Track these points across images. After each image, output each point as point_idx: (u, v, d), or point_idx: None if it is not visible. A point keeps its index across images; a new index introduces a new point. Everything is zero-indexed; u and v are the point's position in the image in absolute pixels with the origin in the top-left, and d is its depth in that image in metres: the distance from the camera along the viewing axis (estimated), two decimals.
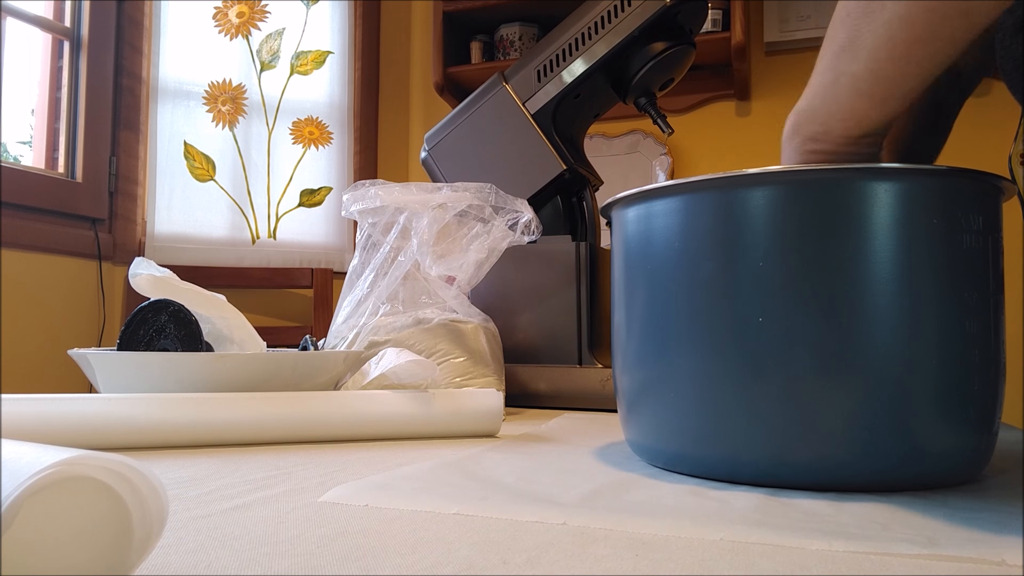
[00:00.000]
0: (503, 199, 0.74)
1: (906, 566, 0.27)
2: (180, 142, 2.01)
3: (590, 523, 0.32)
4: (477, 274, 0.74)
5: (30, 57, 1.84)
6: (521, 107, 0.91)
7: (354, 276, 0.76)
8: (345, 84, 2.21)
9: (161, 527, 0.23)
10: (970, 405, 0.38)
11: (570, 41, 0.89)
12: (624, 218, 0.45)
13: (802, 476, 0.38)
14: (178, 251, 1.96)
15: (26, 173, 1.70)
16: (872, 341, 0.36)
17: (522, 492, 0.38)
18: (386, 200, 0.73)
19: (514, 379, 0.83)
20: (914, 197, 0.37)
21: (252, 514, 0.34)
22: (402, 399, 0.57)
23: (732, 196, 0.39)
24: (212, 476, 0.42)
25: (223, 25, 2.08)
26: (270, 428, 0.54)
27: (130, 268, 0.66)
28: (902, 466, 0.37)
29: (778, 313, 0.37)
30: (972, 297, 0.37)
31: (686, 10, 0.88)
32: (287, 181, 2.13)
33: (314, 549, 0.28)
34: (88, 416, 0.50)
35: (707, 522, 0.32)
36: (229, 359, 0.57)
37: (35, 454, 0.21)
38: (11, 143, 1.92)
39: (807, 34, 1.96)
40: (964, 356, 0.37)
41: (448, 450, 0.52)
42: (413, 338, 0.71)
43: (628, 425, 0.46)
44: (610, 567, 0.26)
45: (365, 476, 0.42)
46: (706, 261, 0.40)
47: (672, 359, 0.41)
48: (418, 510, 0.35)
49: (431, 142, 0.97)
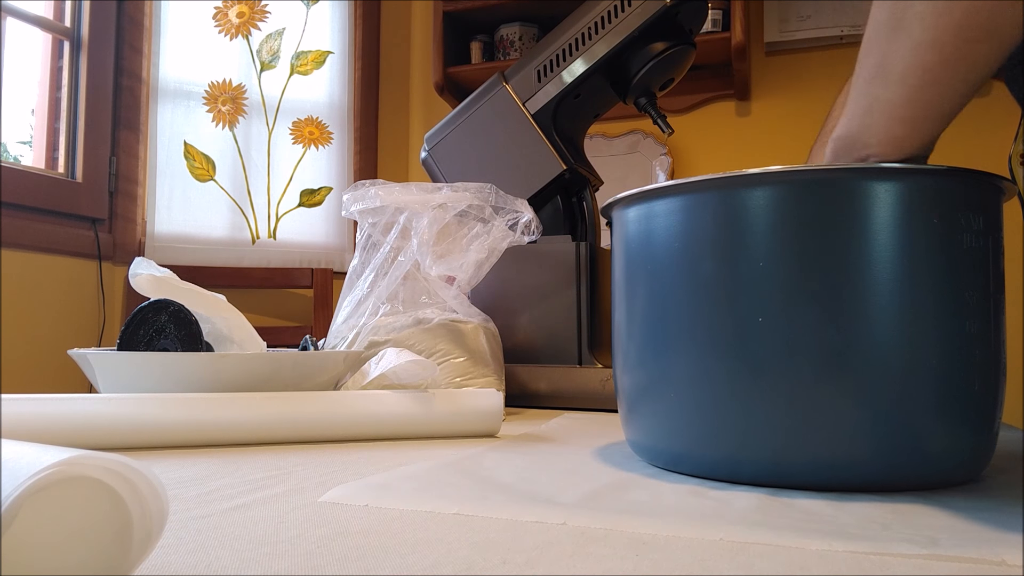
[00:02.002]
0: (503, 199, 0.74)
1: (906, 566, 0.27)
2: (180, 142, 2.01)
3: (590, 523, 0.32)
4: (477, 274, 0.74)
5: (30, 57, 1.83)
6: (521, 107, 0.91)
7: (354, 276, 0.76)
8: (345, 84, 2.21)
9: (161, 527, 0.23)
10: (970, 405, 0.38)
11: (570, 41, 0.89)
12: (624, 218, 0.45)
13: (802, 476, 0.38)
14: (178, 251, 1.96)
15: (26, 173, 1.70)
16: (872, 341, 0.36)
17: (522, 492, 0.38)
18: (386, 200, 0.73)
19: (514, 379, 0.83)
20: (914, 197, 0.37)
21: (252, 514, 0.34)
22: (402, 399, 0.57)
23: (733, 196, 0.39)
24: (212, 476, 0.42)
25: (223, 25, 2.08)
26: (270, 428, 0.54)
27: (130, 268, 0.66)
28: (902, 466, 0.37)
29: (778, 313, 0.37)
30: (972, 297, 0.37)
31: (686, 10, 0.88)
32: (287, 181, 2.13)
33: (314, 549, 0.28)
34: (88, 416, 0.50)
35: (707, 522, 0.32)
36: (229, 359, 0.57)
37: (35, 454, 0.21)
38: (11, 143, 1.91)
39: (807, 34, 1.96)
40: (964, 356, 0.37)
41: (448, 450, 0.52)
42: (413, 338, 0.71)
43: (628, 425, 0.46)
44: (610, 567, 0.26)
45: (365, 476, 0.42)
46: (706, 261, 0.40)
47: (672, 359, 0.41)
48: (418, 510, 0.35)
49: (431, 142, 0.97)
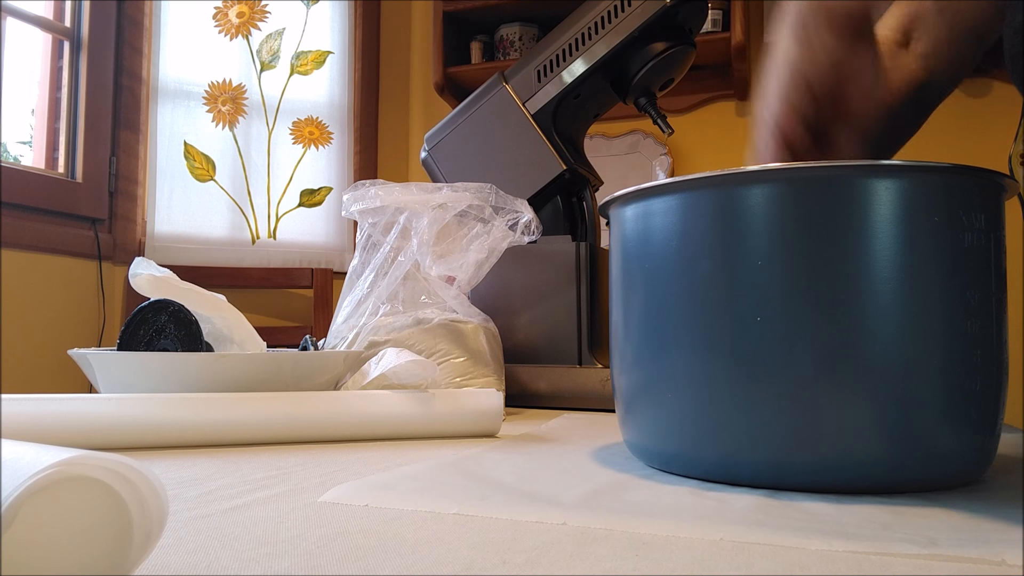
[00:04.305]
0: (503, 199, 0.74)
1: (906, 566, 0.27)
2: (180, 142, 2.01)
3: (590, 523, 0.32)
4: (477, 274, 0.74)
5: (30, 57, 1.83)
6: (521, 107, 0.91)
7: (354, 276, 0.76)
8: (345, 84, 2.21)
9: (161, 527, 0.23)
10: (972, 406, 0.37)
11: (570, 41, 0.89)
12: (622, 216, 0.45)
13: (802, 477, 0.38)
14: (178, 251, 1.96)
15: (26, 173, 1.70)
16: (872, 341, 0.36)
17: (522, 492, 0.38)
18: (386, 200, 0.73)
19: (514, 379, 0.83)
20: (915, 195, 0.37)
21: (252, 514, 0.34)
22: (402, 399, 0.57)
23: (731, 194, 0.39)
24: (212, 476, 0.42)
25: (223, 25, 2.08)
26: (270, 428, 0.54)
27: (130, 268, 0.66)
28: (903, 467, 0.37)
29: (777, 312, 0.37)
30: (974, 296, 0.37)
31: (686, 10, 0.88)
32: (287, 181, 2.13)
33: (314, 549, 0.28)
34: (88, 416, 0.50)
35: (707, 522, 0.32)
36: (229, 359, 0.57)
37: (35, 454, 0.21)
38: (11, 143, 1.91)
39: None
40: (965, 356, 0.37)
41: (448, 450, 0.52)
42: (413, 338, 0.71)
43: (626, 426, 0.46)
44: (610, 567, 0.26)
45: (365, 476, 0.42)
46: (704, 260, 0.39)
47: (670, 359, 0.41)
48: (418, 510, 0.35)
49: (431, 142, 0.97)
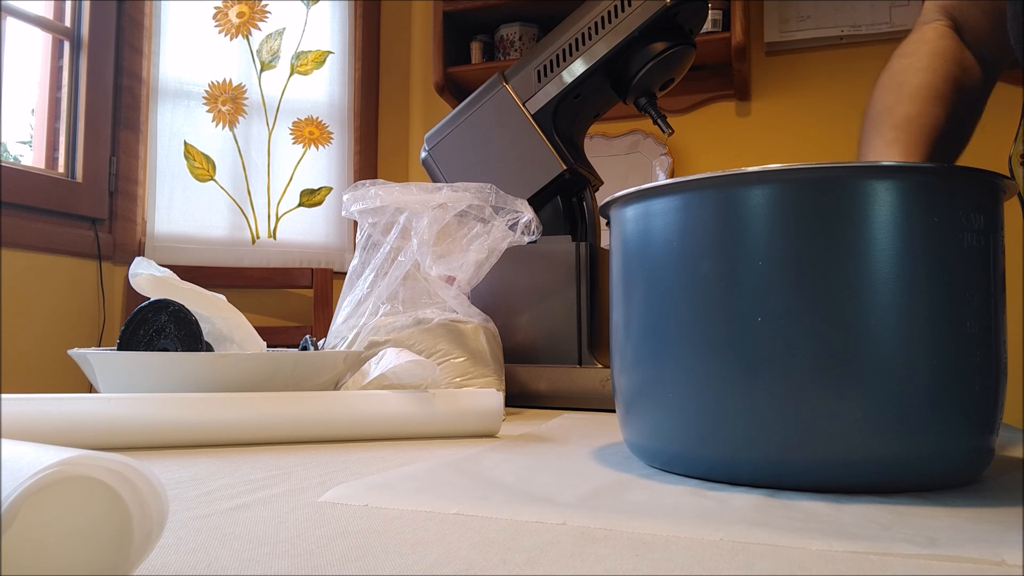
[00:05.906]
0: (503, 199, 0.74)
1: (906, 566, 0.27)
2: (180, 142, 2.01)
3: (590, 523, 0.32)
4: (477, 274, 0.74)
5: (30, 57, 1.83)
6: (521, 107, 0.91)
7: (354, 276, 0.76)
8: (345, 84, 2.21)
9: (161, 527, 0.23)
10: (970, 406, 0.37)
11: (570, 41, 0.89)
12: (622, 217, 0.45)
13: (801, 477, 0.38)
14: (178, 251, 1.96)
15: (26, 173, 1.70)
16: (872, 341, 0.36)
17: (522, 492, 0.38)
18: (386, 200, 0.73)
19: (514, 379, 0.83)
20: (915, 196, 0.37)
21: (252, 514, 0.34)
22: (402, 399, 0.57)
23: (731, 195, 0.39)
24: (212, 476, 0.42)
25: (223, 25, 2.08)
26: (270, 428, 0.54)
27: (130, 268, 0.66)
28: (902, 467, 0.37)
29: (777, 313, 0.37)
30: (973, 297, 0.37)
31: (686, 10, 0.88)
32: (287, 181, 2.13)
33: (314, 549, 0.28)
34: (88, 416, 0.50)
35: (707, 522, 0.32)
36: (229, 359, 0.57)
37: (35, 454, 0.21)
38: (11, 143, 1.91)
39: (807, 34, 1.96)
40: (964, 356, 0.37)
41: (448, 450, 0.52)
42: (413, 338, 0.71)
43: (626, 426, 0.46)
44: (610, 567, 0.26)
45: (365, 476, 0.42)
46: (705, 260, 0.39)
47: (670, 359, 0.41)
48: (418, 510, 0.35)
49: (431, 142, 0.97)
